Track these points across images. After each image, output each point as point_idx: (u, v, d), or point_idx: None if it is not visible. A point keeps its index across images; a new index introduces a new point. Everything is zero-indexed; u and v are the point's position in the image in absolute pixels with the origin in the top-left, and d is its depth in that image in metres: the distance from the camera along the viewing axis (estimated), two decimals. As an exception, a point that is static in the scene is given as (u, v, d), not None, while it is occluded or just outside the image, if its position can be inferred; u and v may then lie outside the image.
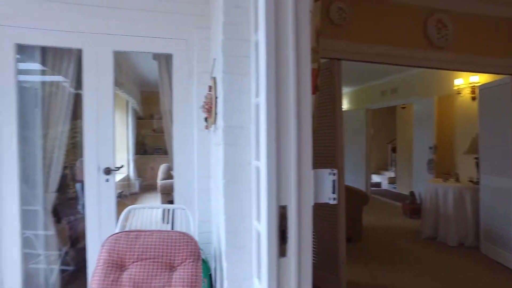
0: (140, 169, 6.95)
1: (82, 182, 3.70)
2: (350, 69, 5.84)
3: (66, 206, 3.46)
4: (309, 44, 1.13)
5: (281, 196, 1.06)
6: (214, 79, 2.02)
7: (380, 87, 7.70)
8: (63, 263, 3.04)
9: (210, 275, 2.32)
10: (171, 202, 3.95)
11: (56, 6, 2.37)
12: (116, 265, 1.81)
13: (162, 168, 5.50)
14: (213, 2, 2.35)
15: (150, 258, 1.83)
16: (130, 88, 4.65)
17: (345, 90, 9.00)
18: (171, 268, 1.84)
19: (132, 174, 6.64)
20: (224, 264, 1.76)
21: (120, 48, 2.57)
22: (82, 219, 3.55)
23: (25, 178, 2.55)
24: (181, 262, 1.84)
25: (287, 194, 1.07)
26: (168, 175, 5.40)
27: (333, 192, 1.17)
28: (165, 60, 2.76)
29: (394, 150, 9.10)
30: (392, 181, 8.89)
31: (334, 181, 1.17)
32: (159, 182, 5.12)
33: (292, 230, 1.08)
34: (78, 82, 2.69)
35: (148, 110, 7.28)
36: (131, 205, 2.15)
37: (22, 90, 2.49)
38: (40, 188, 2.68)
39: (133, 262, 1.82)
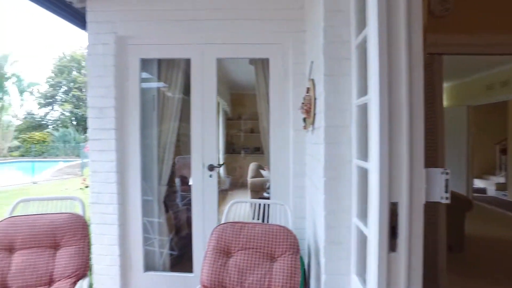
0: (229, 168, 7.37)
1: (180, 177, 4.16)
2: (448, 63, 5.35)
3: (171, 198, 3.91)
4: (421, 40, 1.14)
5: (392, 193, 1.09)
6: (312, 81, 2.11)
7: (485, 80, 6.84)
8: (169, 248, 3.45)
9: (304, 270, 2.40)
10: (261, 199, 4.17)
11: (171, 24, 2.74)
12: (223, 252, 2.02)
13: (251, 167, 5.78)
14: (309, 7, 2.44)
15: (253, 248, 2.00)
16: (222, 91, 5.00)
17: (442, 86, 8.21)
18: (272, 258, 1.97)
19: (222, 172, 7.09)
20: (322, 259, 1.84)
21: (223, 56, 2.83)
22: (184, 210, 3.99)
23: (143, 171, 2.97)
24: (281, 254, 1.96)
25: (398, 191, 1.10)
26: (257, 174, 5.66)
27: (446, 192, 1.16)
28: (261, 64, 2.94)
29: (503, 152, 8.00)
30: (501, 187, 7.83)
31: (447, 180, 1.16)
32: (249, 180, 5.39)
33: (402, 226, 1.10)
34: (185, 88, 3.05)
35: (236, 111, 7.66)
36: (224, 200, 2.36)
37: (143, 95, 2.93)
38: (155, 181, 3.10)
39: (238, 250, 2.01)
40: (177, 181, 4.09)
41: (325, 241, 1.79)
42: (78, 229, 2.11)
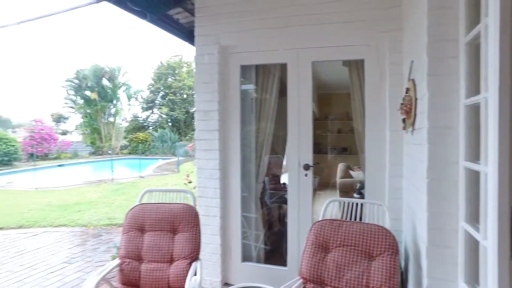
0: (316, 168, 7.35)
1: (272, 175, 4.35)
2: None
3: (265, 195, 4.14)
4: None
5: (513, 197, 1.06)
6: (412, 81, 2.07)
7: None
8: (262, 242, 3.67)
9: (401, 272, 2.36)
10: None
11: (268, 32, 2.94)
12: (321, 247, 2.12)
13: (340, 167, 5.73)
14: (408, 5, 2.38)
15: (350, 245, 2.05)
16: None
17: None
18: (370, 257, 2.00)
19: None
20: (424, 262, 1.80)
21: (318, 59, 2.92)
22: (276, 207, 4.19)
23: (242, 169, 3.23)
24: (380, 254, 1.97)
25: (520, 194, 1.06)
26: (346, 174, 5.59)
27: None
28: (355, 65, 2.95)
29: None
30: None
31: None
32: (338, 180, 5.36)
33: (524, 232, 1.06)
34: (280, 91, 3.23)
35: (323, 111, 7.62)
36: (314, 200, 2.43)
37: (243, 98, 3.19)
38: (252, 179, 3.34)
39: (336, 247, 2.09)
40: (270, 179, 4.30)
41: (428, 243, 1.75)
42: (191, 218, 2.43)
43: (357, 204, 2.39)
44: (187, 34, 4.14)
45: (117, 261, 2.33)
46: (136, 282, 2.30)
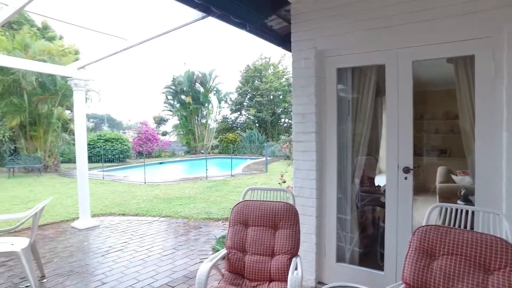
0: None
1: (366, 177, 4.25)
2: None
3: (358, 197, 4.09)
4: None
5: None
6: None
7: None
8: (355, 244, 3.63)
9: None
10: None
11: (364, 34, 2.92)
12: (426, 253, 2.04)
13: (439, 171, 5.29)
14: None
15: (461, 255, 1.93)
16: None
17: None
18: (486, 270, 1.85)
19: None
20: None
21: (419, 58, 2.78)
22: (370, 210, 4.09)
23: (338, 170, 3.26)
24: (498, 268, 1.81)
25: None
26: (447, 179, 5.14)
27: None
28: (463, 62, 2.73)
29: None
30: None
31: None
32: (438, 185, 4.97)
33: None
34: (376, 92, 3.17)
35: (418, 111, 7.10)
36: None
37: (339, 101, 3.23)
38: (348, 180, 3.35)
39: (443, 255, 1.99)
40: (364, 180, 4.22)
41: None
42: (291, 216, 2.57)
43: (466, 212, 2.23)
44: (280, 39, 4.33)
45: (224, 251, 2.59)
46: (241, 271, 2.53)
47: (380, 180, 3.97)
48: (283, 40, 4.34)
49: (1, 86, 13.56)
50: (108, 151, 18.81)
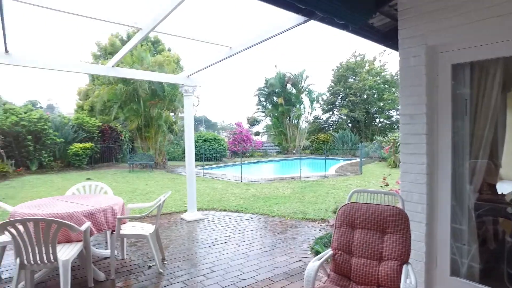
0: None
1: (486, 184, 3.76)
2: None
3: (477, 206, 3.66)
4: None
5: None
6: None
7: None
8: (472, 258, 3.26)
9: None
10: None
11: (486, 23, 2.62)
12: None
13: None
14: None
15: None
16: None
17: None
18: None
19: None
20: None
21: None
22: (490, 221, 3.62)
23: (452, 175, 2.99)
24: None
25: None
26: None
27: None
28: None
29: None
30: None
31: None
32: None
33: None
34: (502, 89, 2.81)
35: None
36: None
37: (453, 100, 2.96)
38: (464, 186, 3.04)
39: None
40: (481, 187, 3.78)
41: None
42: (401, 221, 2.47)
43: None
44: (381, 36, 4.16)
45: (330, 251, 2.63)
46: (347, 273, 2.54)
47: (503, 188, 3.50)
48: (384, 37, 4.16)
49: (125, 95, 16.03)
50: (206, 151, 20.44)
